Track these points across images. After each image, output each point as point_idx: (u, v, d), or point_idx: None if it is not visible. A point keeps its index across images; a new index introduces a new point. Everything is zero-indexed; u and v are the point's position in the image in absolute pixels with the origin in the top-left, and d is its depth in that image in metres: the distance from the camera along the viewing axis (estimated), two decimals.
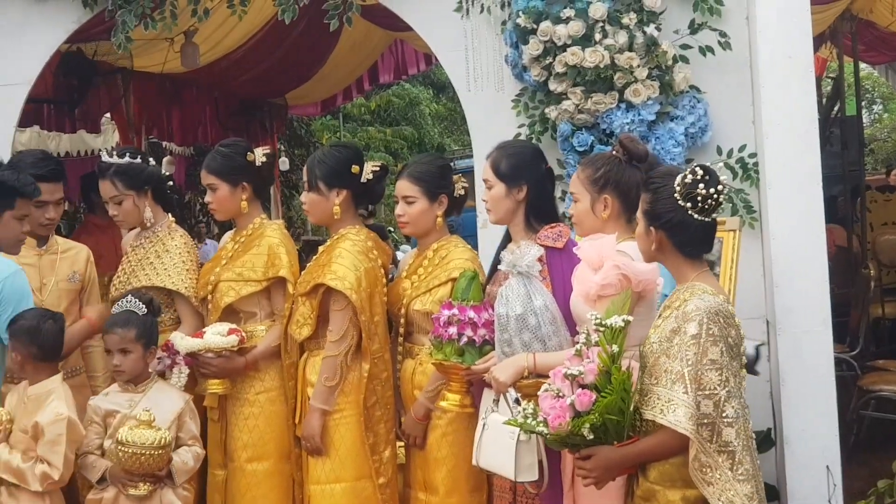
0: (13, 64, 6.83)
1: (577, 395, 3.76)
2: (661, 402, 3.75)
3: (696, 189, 3.82)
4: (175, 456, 5.04)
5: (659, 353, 3.81)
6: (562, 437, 3.83)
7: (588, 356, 3.82)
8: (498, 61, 6.33)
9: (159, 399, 5.11)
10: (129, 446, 4.84)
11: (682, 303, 3.83)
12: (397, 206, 5.38)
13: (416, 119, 23.78)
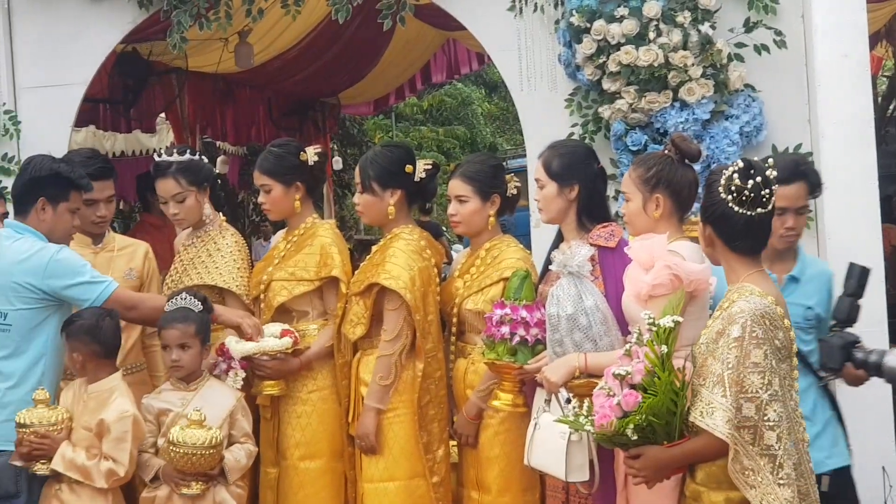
0: (70, 64, 6.91)
1: (624, 395, 3.75)
2: (703, 405, 3.73)
3: (735, 181, 3.81)
4: (227, 454, 5.03)
5: (706, 355, 3.79)
6: (608, 436, 3.83)
7: (637, 356, 3.81)
8: (551, 60, 6.31)
9: (211, 397, 5.12)
10: (180, 446, 4.85)
11: (730, 304, 3.81)
12: (450, 206, 5.38)
13: (469, 118, 23.80)
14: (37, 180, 5.07)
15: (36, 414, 4.82)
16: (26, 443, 4.81)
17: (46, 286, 4.92)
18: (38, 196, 5.05)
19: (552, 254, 4.74)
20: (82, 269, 5.02)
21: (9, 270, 4.94)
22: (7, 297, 4.94)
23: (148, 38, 8.46)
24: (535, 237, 6.17)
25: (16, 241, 5.01)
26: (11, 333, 4.93)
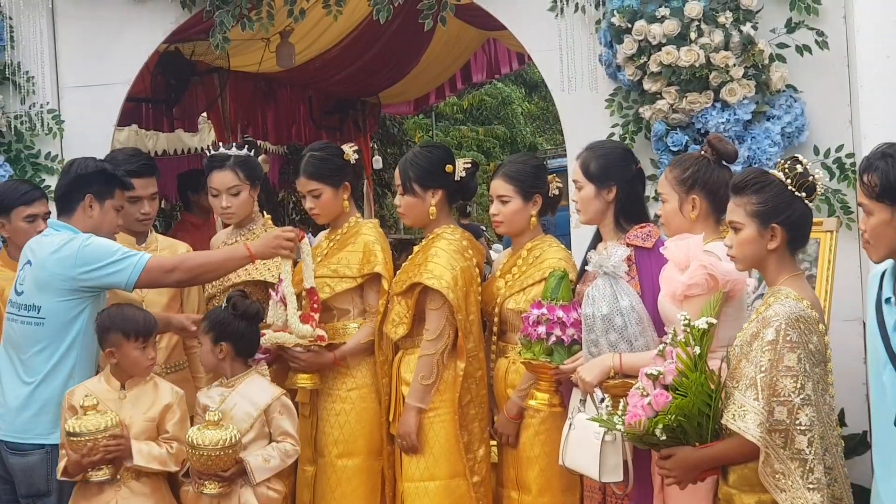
0: (113, 64, 6.95)
1: (654, 396, 3.76)
2: (735, 407, 3.73)
3: (808, 178, 3.86)
4: (252, 455, 4.98)
5: (740, 357, 3.79)
6: (638, 436, 3.83)
7: (671, 356, 3.81)
8: (592, 60, 6.29)
9: (249, 394, 5.09)
10: (193, 447, 4.84)
11: (766, 307, 3.80)
12: (492, 206, 5.39)
13: (509, 118, 23.78)
14: (83, 178, 5.13)
15: (92, 421, 4.79)
16: (100, 449, 4.78)
17: (79, 276, 4.95)
18: (84, 193, 5.11)
19: (589, 254, 4.74)
20: (112, 250, 5.03)
21: (42, 264, 5.01)
22: (42, 290, 4.99)
23: (190, 37, 8.51)
24: (576, 237, 6.16)
25: (53, 238, 5.07)
26: (45, 328, 4.98)
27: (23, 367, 5.05)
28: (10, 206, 5.62)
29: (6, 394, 5.06)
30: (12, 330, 5.09)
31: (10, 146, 6.80)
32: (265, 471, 5.00)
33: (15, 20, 6.81)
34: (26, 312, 5.01)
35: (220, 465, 4.88)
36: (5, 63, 6.78)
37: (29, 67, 6.85)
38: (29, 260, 5.08)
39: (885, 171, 3.63)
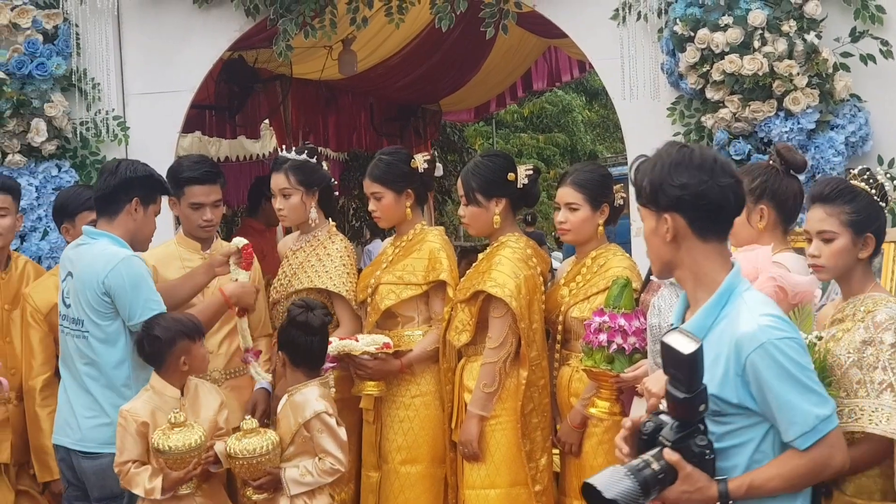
0: (178, 71, 7.02)
1: None
2: (867, 413, 3.67)
3: (885, 188, 3.85)
4: (290, 467, 4.94)
5: (848, 366, 3.74)
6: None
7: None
8: (654, 69, 6.28)
9: (296, 405, 5.01)
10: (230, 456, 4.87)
11: (867, 314, 3.76)
12: (559, 213, 5.37)
13: (569, 126, 23.76)
14: (132, 180, 5.14)
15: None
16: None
17: (108, 292, 4.97)
18: (132, 196, 5.13)
19: None
20: (143, 284, 5.02)
21: (82, 277, 5.03)
22: (85, 304, 5.02)
23: (254, 45, 8.56)
24: (636, 245, 6.15)
25: (90, 246, 5.09)
26: (89, 340, 5.01)
27: (84, 378, 5.07)
28: (74, 211, 5.69)
29: (73, 405, 5.09)
30: (66, 343, 5.12)
31: (75, 152, 6.90)
32: (300, 485, 4.94)
33: (81, 28, 6.90)
34: (74, 326, 5.05)
35: (251, 474, 4.90)
36: (72, 70, 6.87)
37: (95, 74, 6.95)
38: (70, 272, 5.10)
39: None
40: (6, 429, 5.63)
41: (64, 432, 5.11)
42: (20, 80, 6.72)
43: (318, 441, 4.95)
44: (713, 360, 3.20)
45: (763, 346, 3.18)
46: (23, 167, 6.74)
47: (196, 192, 5.51)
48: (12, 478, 5.69)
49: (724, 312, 3.29)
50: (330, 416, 4.99)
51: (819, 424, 3.21)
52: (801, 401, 3.19)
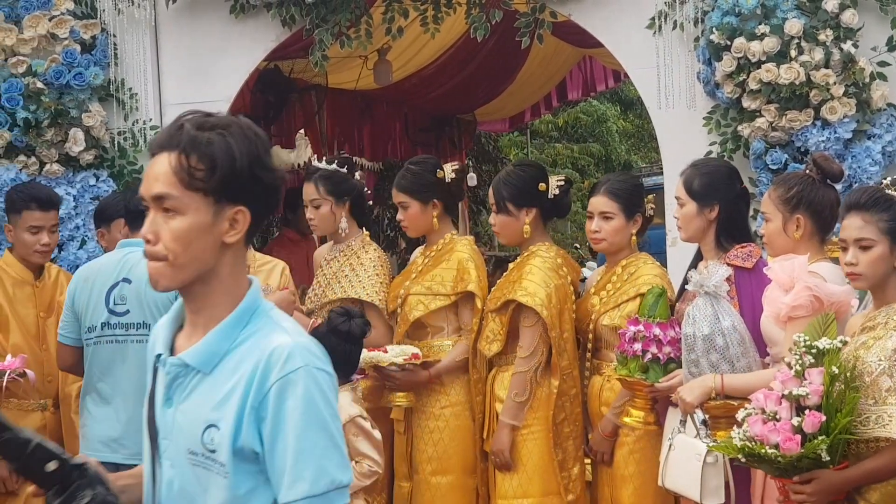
0: (215, 81, 7.05)
1: (808, 416, 3.67)
2: (895, 420, 3.65)
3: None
4: None
5: (879, 373, 3.71)
6: (791, 461, 3.74)
7: (807, 377, 3.73)
8: (690, 78, 6.27)
9: None
10: None
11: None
12: (592, 222, 5.36)
13: (604, 136, 23.68)
14: None
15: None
16: None
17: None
18: None
19: (689, 273, 4.70)
20: None
21: (147, 287, 5.03)
22: (150, 307, 5.04)
23: (290, 55, 8.58)
24: (671, 255, 6.14)
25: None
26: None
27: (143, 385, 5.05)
28: (111, 216, 5.73)
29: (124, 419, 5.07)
30: (120, 352, 5.09)
31: (113, 162, 6.94)
32: None
33: (119, 38, 6.95)
34: (136, 331, 5.05)
35: None
36: (109, 80, 6.91)
37: (132, 84, 6.98)
38: (125, 278, 5.11)
39: None
40: (44, 436, 5.64)
41: (112, 449, 5.09)
42: (58, 90, 6.77)
43: (354, 444, 4.98)
44: (226, 395, 2.52)
45: (302, 370, 2.48)
46: (61, 176, 6.79)
47: None
48: None
49: (246, 331, 2.57)
50: (364, 419, 5.03)
51: (333, 493, 2.47)
52: (323, 455, 2.47)
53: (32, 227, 5.63)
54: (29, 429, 2.61)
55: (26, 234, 5.62)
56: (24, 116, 6.68)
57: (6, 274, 5.69)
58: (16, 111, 6.70)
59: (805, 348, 3.74)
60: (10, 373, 5.23)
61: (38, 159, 6.80)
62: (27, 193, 5.72)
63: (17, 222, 5.65)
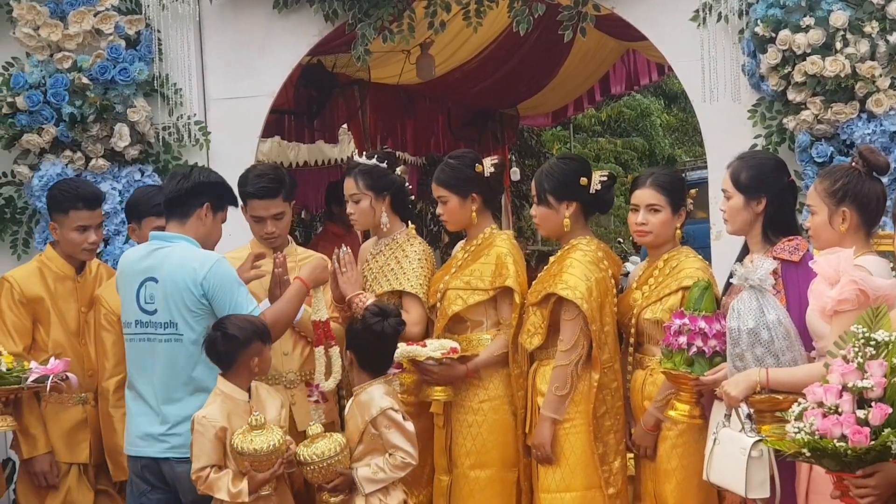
0: (258, 77, 7.08)
1: (875, 408, 3.63)
2: None
3: None
4: (361, 467, 5.01)
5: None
6: (858, 455, 3.70)
7: (868, 370, 3.69)
8: (735, 71, 6.23)
9: (361, 405, 5.10)
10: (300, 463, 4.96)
11: None
12: (637, 215, 5.34)
13: (647, 130, 23.60)
14: (205, 185, 5.20)
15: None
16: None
17: (206, 291, 5.01)
18: (203, 201, 5.18)
19: (734, 266, 4.68)
20: (237, 286, 5.11)
21: (173, 279, 5.04)
22: (177, 306, 5.04)
23: (332, 50, 8.62)
24: (716, 249, 6.11)
25: (170, 249, 5.12)
26: (184, 343, 5.03)
27: (174, 385, 5.09)
28: (143, 213, 5.75)
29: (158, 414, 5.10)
30: (151, 349, 5.11)
31: (157, 157, 6.99)
32: (373, 482, 5.00)
33: (163, 33, 6.98)
34: (164, 330, 5.06)
35: (324, 477, 4.96)
36: (154, 75, 6.96)
37: (177, 80, 7.02)
38: (152, 277, 5.11)
39: None
40: (84, 430, 5.71)
41: (148, 443, 5.12)
42: (103, 85, 6.82)
43: (387, 437, 5.02)
44: None
45: None
46: (106, 172, 6.84)
47: (256, 205, 5.55)
48: (91, 478, 5.76)
49: None
50: (396, 411, 5.07)
51: None
52: None
53: (80, 227, 5.65)
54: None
55: (74, 234, 5.64)
56: (70, 112, 6.74)
57: (48, 269, 5.71)
58: (62, 106, 6.76)
59: (864, 340, 3.71)
60: (53, 377, 5.27)
61: (83, 154, 6.86)
62: (74, 192, 5.71)
63: (63, 221, 5.66)
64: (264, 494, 4.86)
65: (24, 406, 5.53)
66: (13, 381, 5.26)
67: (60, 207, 5.67)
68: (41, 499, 5.67)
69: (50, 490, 5.66)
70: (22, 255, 6.89)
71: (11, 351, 5.38)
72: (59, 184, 6.01)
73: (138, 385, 5.19)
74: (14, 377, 5.26)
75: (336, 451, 4.92)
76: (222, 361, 4.95)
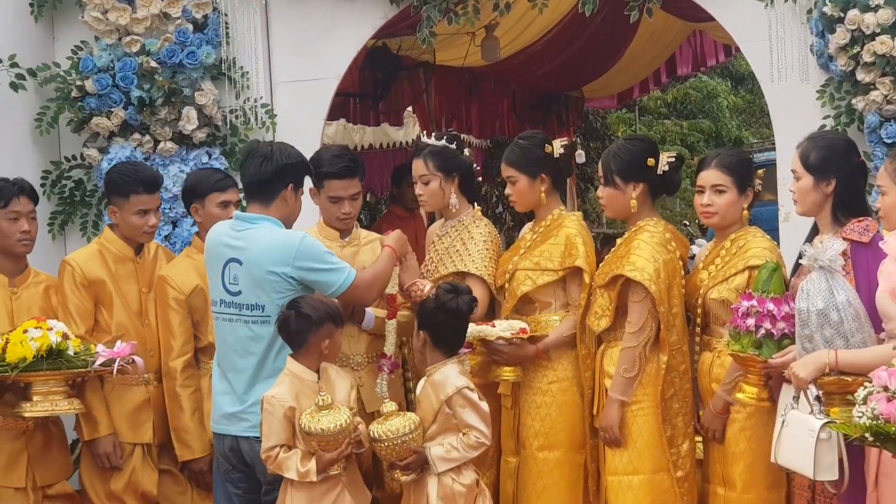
0: (324, 59, 7.11)
1: None
2: None
3: None
4: (434, 445, 5.01)
5: None
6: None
7: None
8: (803, 51, 6.17)
9: (435, 384, 5.10)
10: (374, 440, 4.98)
11: None
12: (703, 196, 5.31)
13: (714, 111, 23.42)
14: (287, 167, 5.19)
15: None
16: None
17: (296, 273, 5.02)
18: (287, 182, 5.18)
19: (804, 247, 4.65)
20: (327, 254, 5.13)
21: (258, 261, 5.05)
22: (263, 288, 5.05)
23: (397, 32, 8.63)
24: (784, 230, 6.07)
25: (254, 231, 5.13)
26: (270, 325, 5.03)
27: (257, 365, 5.12)
28: (204, 191, 5.79)
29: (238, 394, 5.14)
30: (233, 330, 5.14)
31: (224, 140, 7.04)
32: (447, 461, 5.01)
33: (230, 17, 7.03)
34: (249, 312, 5.07)
35: (398, 455, 4.97)
36: (221, 59, 7.01)
37: (243, 63, 7.07)
38: (235, 258, 5.12)
39: None
40: (147, 410, 5.75)
41: (230, 421, 5.16)
42: (171, 69, 6.88)
43: (461, 416, 5.02)
44: None
45: None
46: (174, 154, 6.91)
47: (335, 186, 5.55)
48: (154, 457, 5.81)
49: None
50: (472, 390, 5.08)
51: None
52: None
53: (140, 210, 5.69)
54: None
55: (134, 217, 5.69)
56: (139, 95, 6.81)
57: (108, 251, 5.76)
58: (130, 90, 6.83)
59: None
60: (120, 360, 5.33)
61: (152, 137, 6.93)
62: (133, 177, 5.74)
63: (123, 205, 5.70)
64: (333, 474, 4.88)
65: (86, 388, 5.58)
66: (81, 365, 5.31)
67: (121, 192, 5.71)
68: (105, 480, 5.73)
69: (114, 471, 5.72)
70: (91, 237, 6.96)
71: (74, 333, 5.43)
72: (118, 167, 6.01)
73: (222, 363, 5.24)
74: (81, 361, 5.32)
75: (411, 428, 4.93)
76: (293, 340, 4.98)
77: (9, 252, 5.63)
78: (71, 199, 7.17)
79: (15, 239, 5.58)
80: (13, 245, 5.60)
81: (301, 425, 4.83)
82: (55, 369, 5.25)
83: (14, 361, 5.17)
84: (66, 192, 7.17)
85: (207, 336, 5.65)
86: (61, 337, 5.26)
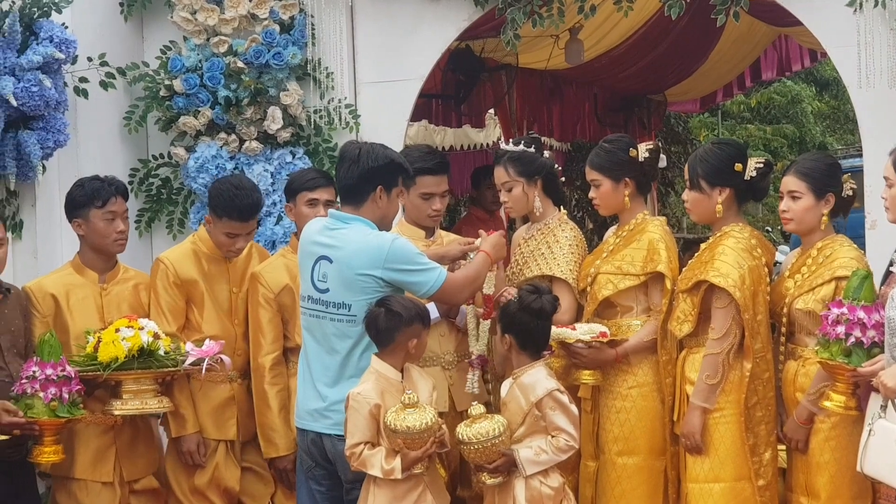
0: (408, 60, 7.15)
1: None
2: None
3: None
4: (523, 448, 5.01)
5: None
6: None
7: None
8: (892, 57, 6.09)
9: (524, 387, 5.10)
10: (461, 443, 5.00)
11: None
12: (782, 202, 5.28)
13: (798, 117, 23.21)
14: (373, 170, 5.15)
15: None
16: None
17: (386, 275, 5.01)
18: (376, 184, 5.14)
19: (894, 255, 4.59)
20: (418, 256, 5.12)
21: (348, 262, 5.05)
22: (351, 289, 5.04)
23: (481, 35, 8.64)
24: (870, 239, 6.00)
25: (347, 231, 5.12)
26: (357, 325, 5.04)
27: (341, 363, 5.12)
28: (295, 190, 5.86)
29: (322, 391, 5.14)
30: (320, 326, 5.15)
31: (308, 139, 7.10)
32: (535, 464, 5.00)
33: (316, 18, 7.09)
34: (336, 310, 5.07)
35: (485, 458, 4.97)
36: (306, 59, 7.07)
37: (328, 64, 7.12)
38: (326, 256, 5.13)
39: None
40: (232, 407, 5.82)
41: (314, 418, 5.18)
42: (257, 69, 6.96)
43: (551, 419, 5.01)
44: None
45: None
46: (259, 154, 6.99)
47: (427, 182, 5.59)
48: (238, 454, 5.87)
49: None
50: (562, 392, 5.08)
51: None
52: None
53: (229, 234, 5.72)
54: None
55: (223, 237, 5.73)
56: (226, 95, 6.89)
57: (201, 251, 5.83)
58: (217, 90, 6.92)
59: None
60: (209, 359, 5.39)
61: (237, 137, 7.01)
62: (231, 203, 5.68)
63: (216, 222, 5.74)
64: (416, 473, 4.88)
65: (174, 385, 5.64)
66: (170, 365, 5.39)
67: (217, 210, 5.74)
68: (189, 475, 5.79)
69: (196, 469, 5.79)
70: (178, 234, 7.08)
71: (165, 331, 5.50)
72: (223, 185, 5.86)
73: (308, 359, 5.26)
74: (171, 360, 5.40)
75: (499, 431, 4.93)
76: (381, 338, 4.99)
77: (105, 251, 5.72)
78: (158, 197, 7.28)
79: (112, 239, 5.67)
80: (110, 245, 5.69)
81: (387, 423, 4.84)
82: (145, 368, 5.33)
83: (106, 361, 5.25)
84: (154, 190, 7.29)
85: (295, 337, 5.67)
86: (152, 337, 5.33)
